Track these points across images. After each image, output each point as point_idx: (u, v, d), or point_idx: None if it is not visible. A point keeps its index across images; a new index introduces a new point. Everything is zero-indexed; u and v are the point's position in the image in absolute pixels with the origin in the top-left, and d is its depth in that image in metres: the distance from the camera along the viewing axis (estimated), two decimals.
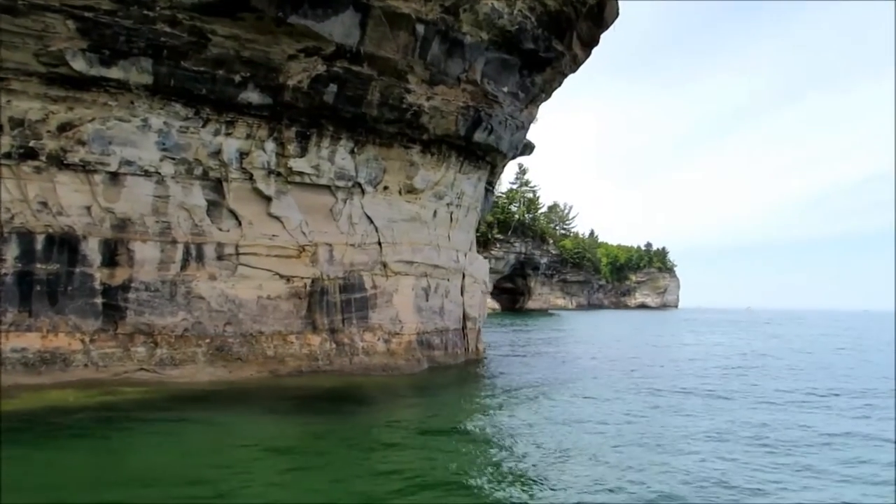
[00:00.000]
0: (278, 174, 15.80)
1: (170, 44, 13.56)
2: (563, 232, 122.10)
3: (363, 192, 17.12)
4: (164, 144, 14.38)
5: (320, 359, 15.91)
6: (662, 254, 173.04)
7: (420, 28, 15.70)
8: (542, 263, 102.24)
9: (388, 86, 16.12)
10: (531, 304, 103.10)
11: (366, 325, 17.05)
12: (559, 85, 22.45)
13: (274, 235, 15.93)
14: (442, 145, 18.33)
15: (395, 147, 17.42)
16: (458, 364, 19.31)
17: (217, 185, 15.24)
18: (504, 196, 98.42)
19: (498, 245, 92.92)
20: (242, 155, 15.31)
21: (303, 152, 15.97)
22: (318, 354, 15.94)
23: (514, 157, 42.64)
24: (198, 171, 14.94)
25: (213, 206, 15.25)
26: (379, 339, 17.13)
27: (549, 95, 23.03)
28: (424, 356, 17.99)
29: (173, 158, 14.57)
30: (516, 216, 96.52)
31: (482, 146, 19.05)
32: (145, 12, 13.04)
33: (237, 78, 14.61)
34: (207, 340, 14.85)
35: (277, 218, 15.98)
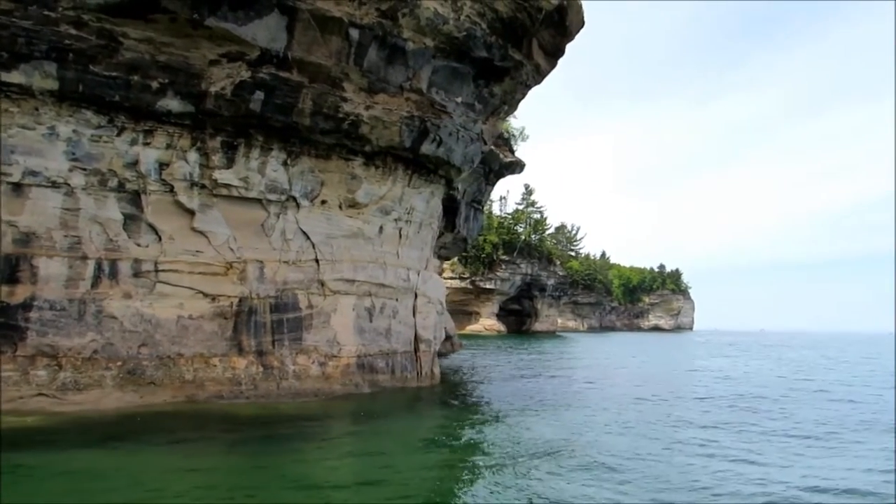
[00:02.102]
0: (203, 186, 14.90)
1: (76, 47, 12.77)
2: (571, 253, 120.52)
3: (298, 206, 16.18)
4: (73, 154, 13.53)
5: (244, 383, 14.85)
6: (676, 275, 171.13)
7: (354, 33, 14.82)
8: (548, 285, 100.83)
9: (322, 93, 15.22)
10: (538, 326, 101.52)
11: (299, 347, 15.97)
12: (523, 97, 21.48)
13: (198, 251, 14.99)
14: (387, 157, 17.38)
15: (334, 159, 16.48)
16: (408, 389, 18.14)
17: (134, 198, 14.36)
18: (510, 217, 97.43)
19: (503, 266, 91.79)
20: (162, 166, 14.44)
21: (229, 163, 15.06)
22: (242, 378, 14.87)
23: (500, 177, 41.67)
24: (112, 182, 14.07)
25: (131, 220, 14.35)
26: (314, 362, 16.04)
27: (513, 108, 22.06)
28: (366, 380, 16.84)
29: (84, 169, 13.71)
30: (522, 237, 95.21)
31: (432, 159, 18.02)
32: (46, 13, 12.30)
33: (154, 84, 13.77)
34: (119, 363, 13.85)
35: (202, 233, 15.07)
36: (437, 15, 15.80)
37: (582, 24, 20.51)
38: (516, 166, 44.09)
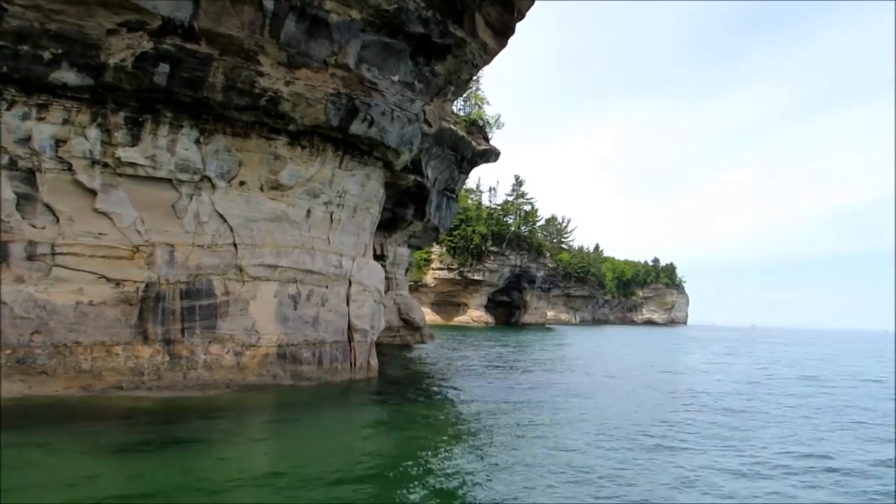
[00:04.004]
0: (105, 165, 14.04)
1: None
2: (563, 246, 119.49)
3: (214, 186, 15.30)
4: None
5: (146, 373, 14.02)
6: (670, 269, 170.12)
7: (268, 3, 13.98)
8: (538, 277, 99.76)
9: (234, 67, 14.33)
10: (527, 319, 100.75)
11: (213, 336, 15.13)
12: (470, 77, 20.54)
13: (101, 234, 14.13)
14: (314, 137, 16.49)
15: (254, 137, 15.58)
16: (337, 381, 17.28)
17: (29, 176, 13.52)
18: (499, 208, 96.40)
19: (492, 257, 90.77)
20: (58, 142, 13.59)
21: (135, 141, 14.16)
22: (145, 368, 14.02)
23: (474, 165, 40.66)
24: (3, 159, 13.26)
25: (25, 200, 13.50)
26: (228, 352, 15.19)
27: (460, 88, 21.12)
28: (287, 371, 16.00)
29: None
30: (512, 228, 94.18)
31: (364, 139, 17.07)
32: None
33: (46, 55, 12.87)
34: (8, 352, 13.06)
35: (105, 214, 14.19)
36: None
37: (532, 0, 19.53)
38: (491, 154, 43.22)
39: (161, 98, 14.15)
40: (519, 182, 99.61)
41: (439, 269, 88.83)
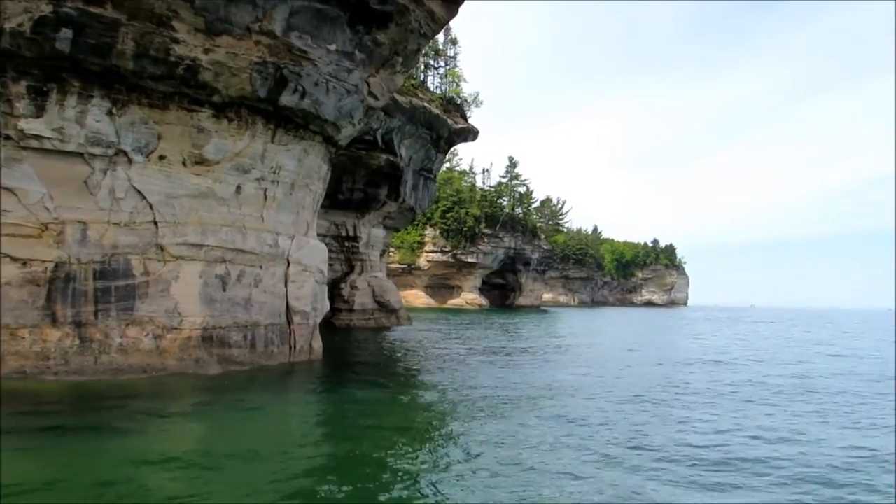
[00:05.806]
0: (7, 137, 13.14)
1: None
2: (559, 228, 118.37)
3: (130, 161, 14.42)
4: None
5: (53, 358, 13.26)
6: (670, 250, 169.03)
7: None
8: (533, 259, 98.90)
9: (146, 33, 13.49)
10: (522, 301, 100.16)
11: (130, 319, 14.41)
12: (419, 47, 19.55)
13: (5, 211, 13.27)
14: (241, 109, 15.59)
15: (174, 109, 14.76)
16: (272, 366, 16.48)
17: None
18: (493, 190, 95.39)
19: (486, 240, 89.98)
20: None
21: (39, 112, 13.34)
22: (52, 353, 13.27)
23: (452, 144, 39.63)
24: None
25: None
26: (147, 335, 14.47)
27: (409, 59, 20.02)
28: (214, 355, 15.31)
29: None
30: (506, 210, 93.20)
31: (297, 112, 16.19)
32: None
33: None
34: None
35: (10, 190, 13.33)
36: None
37: None
38: (469, 133, 42.18)
39: (66, 66, 13.34)
40: (513, 163, 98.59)
41: (433, 251, 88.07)
